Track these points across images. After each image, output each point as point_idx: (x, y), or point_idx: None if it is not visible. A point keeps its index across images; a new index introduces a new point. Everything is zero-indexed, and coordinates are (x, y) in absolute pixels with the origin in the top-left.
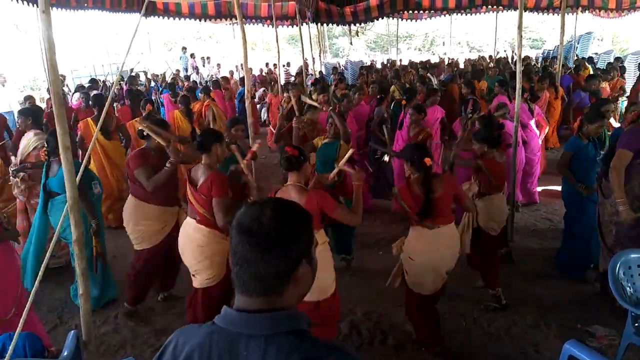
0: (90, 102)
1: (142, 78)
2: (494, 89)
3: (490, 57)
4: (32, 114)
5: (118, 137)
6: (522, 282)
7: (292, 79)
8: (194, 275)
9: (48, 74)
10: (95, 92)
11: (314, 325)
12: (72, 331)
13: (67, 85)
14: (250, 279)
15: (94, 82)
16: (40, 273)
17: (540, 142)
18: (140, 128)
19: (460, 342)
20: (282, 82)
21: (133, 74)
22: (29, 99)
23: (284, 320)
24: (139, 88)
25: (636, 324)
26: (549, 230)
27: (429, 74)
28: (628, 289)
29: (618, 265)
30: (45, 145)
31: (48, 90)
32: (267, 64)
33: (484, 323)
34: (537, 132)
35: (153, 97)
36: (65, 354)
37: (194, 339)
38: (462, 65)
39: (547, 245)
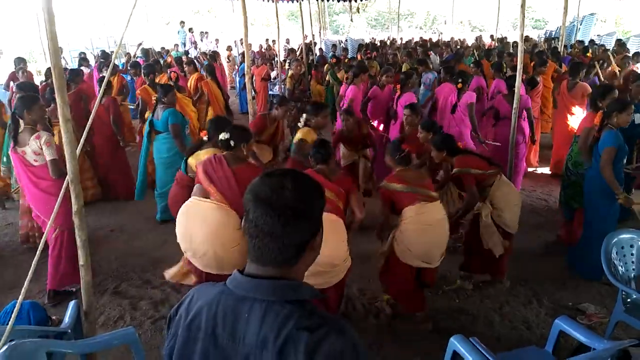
0: (143, 72)
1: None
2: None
3: (492, 36)
4: (27, 89)
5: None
6: (517, 262)
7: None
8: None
9: (48, 46)
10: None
11: (320, 297)
12: (73, 301)
13: (64, 58)
14: (270, 249)
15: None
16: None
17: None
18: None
19: (452, 319)
20: (282, 58)
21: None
22: (21, 62)
23: (287, 289)
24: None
25: (626, 303)
26: (544, 210)
27: (432, 53)
28: (620, 268)
29: (611, 245)
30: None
31: (48, 69)
32: (267, 40)
33: (476, 301)
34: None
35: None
36: (67, 323)
37: (206, 297)
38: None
39: (542, 225)
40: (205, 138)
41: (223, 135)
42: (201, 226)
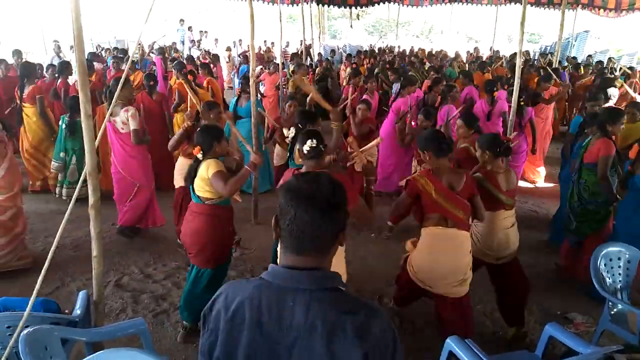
0: (176, 68)
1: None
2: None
3: (492, 49)
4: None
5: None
6: None
7: (289, 59)
8: None
9: (75, 42)
10: None
11: (346, 286)
12: (83, 291)
13: (56, 53)
14: (309, 240)
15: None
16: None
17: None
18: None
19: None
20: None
21: (157, 46)
22: (18, 54)
23: (326, 278)
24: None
25: (612, 312)
26: (534, 221)
27: (427, 62)
28: (607, 279)
29: (600, 257)
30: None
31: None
32: (265, 42)
33: None
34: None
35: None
36: (79, 312)
37: (244, 291)
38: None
39: (533, 236)
40: (199, 155)
41: (309, 145)
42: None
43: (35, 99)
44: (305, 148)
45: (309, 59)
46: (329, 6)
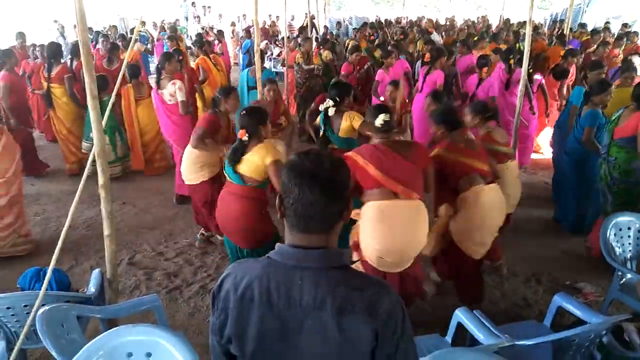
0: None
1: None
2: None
3: (501, 17)
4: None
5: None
6: (516, 242)
7: (296, 33)
8: None
9: (77, 24)
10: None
11: (353, 262)
12: (97, 270)
13: (61, 35)
14: (314, 218)
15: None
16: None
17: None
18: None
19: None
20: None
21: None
22: (21, 36)
23: (333, 256)
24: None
25: (621, 282)
26: (544, 191)
27: (434, 32)
28: (617, 249)
29: (609, 227)
30: None
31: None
32: (269, 16)
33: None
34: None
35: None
36: (93, 289)
37: (252, 271)
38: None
39: (541, 205)
40: (245, 138)
41: (383, 118)
42: (404, 226)
43: (64, 79)
44: (379, 122)
45: (314, 31)
46: None
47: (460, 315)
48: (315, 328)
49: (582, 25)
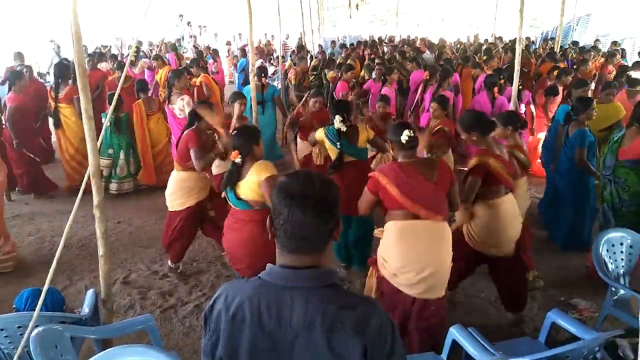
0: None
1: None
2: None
3: (493, 35)
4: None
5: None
6: None
7: (290, 51)
8: None
9: (73, 44)
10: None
11: (342, 281)
12: (91, 290)
13: (61, 51)
14: (305, 238)
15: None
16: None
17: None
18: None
19: (449, 310)
20: (281, 53)
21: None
22: (20, 57)
23: (323, 275)
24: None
25: (615, 298)
26: (537, 206)
27: (426, 51)
28: (610, 265)
29: (602, 243)
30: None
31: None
32: (265, 35)
33: (472, 293)
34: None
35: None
36: (87, 310)
37: (243, 291)
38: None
39: (535, 223)
40: (238, 160)
41: (407, 134)
42: (424, 247)
43: (73, 99)
44: (404, 138)
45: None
46: None
47: (455, 333)
48: (306, 347)
49: (575, 43)
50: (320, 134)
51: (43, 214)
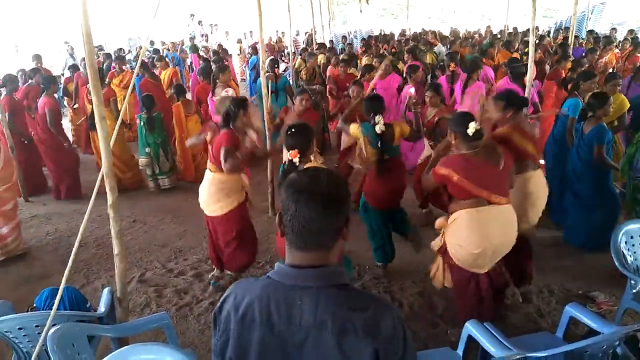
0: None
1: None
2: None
3: (506, 26)
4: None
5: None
6: None
7: (301, 48)
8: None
9: (84, 46)
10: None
11: (353, 279)
12: (107, 288)
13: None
14: (312, 235)
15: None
16: None
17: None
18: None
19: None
20: (292, 50)
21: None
22: (37, 58)
23: (332, 275)
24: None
25: (634, 291)
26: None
27: (438, 44)
28: (629, 257)
29: (620, 235)
30: None
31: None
32: (276, 32)
33: None
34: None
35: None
36: (103, 309)
37: (252, 291)
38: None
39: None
40: (296, 160)
41: (475, 126)
42: (498, 230)
43: (110, 102)
44: (471, 130)
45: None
46: None
47: (470, 328)
48: (316, 348)
49: (591, 32)
50: (355, 130)
51: (60, 215)
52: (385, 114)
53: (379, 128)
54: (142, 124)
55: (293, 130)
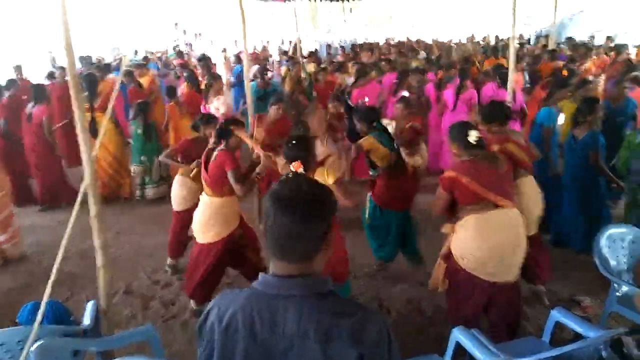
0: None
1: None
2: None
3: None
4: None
5: None
6: None
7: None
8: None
9: (66, 57)
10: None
11: (334, 288)
12: (92, 301)
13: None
14: (292, 245)
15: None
16: None
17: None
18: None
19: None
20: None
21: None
22: (18, 69)
23: (315, 283)
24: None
25: (618, 294)
26: None
27: (422, 52)
28: (611, 261)
29: (603, 239)
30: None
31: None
32: (261, 41)
33: None
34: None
35: None
36: (88, 322)
37: (236, 302)
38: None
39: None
40: (300, 171)
41: (476, 135)
42: (507, 233)
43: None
44: (471, 139)
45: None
46: (321, 1)
47: (458, 335)
48: (300, 356)
49: (570, 39)
50: (370, 143)
51: (43, 227)
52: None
53: (391, 129)
54: (139, 131)
55: (293, 142)
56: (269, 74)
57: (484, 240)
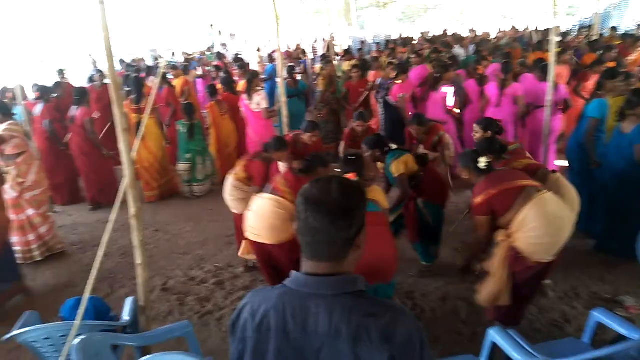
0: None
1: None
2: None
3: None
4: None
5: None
6: None
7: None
8: None
9: (107, 61)
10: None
11: (370, 287)
12: (131, 297)
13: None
14: (321, 245)
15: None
16: None
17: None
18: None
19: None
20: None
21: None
22: (61, 72)
23: (347, 282)
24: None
25: None
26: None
27: (457, 46)
28: None
29: None
30: None
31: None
32: (295, 39)
33: None
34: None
35: None
36: (127, 318)
37: (268, 300)
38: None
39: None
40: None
41: (485, 161)
42: (558, 208)
43: (154, 110)
44: (482, 165)
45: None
46: None
47: (494, 335)
48: (332, 355)
49: (614, 29)
50: (404, 166)
51: (85, 225)
52: None
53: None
54: (183, 131)
55: (350, 157)
56: (297, 71)
57: (549, 224)
